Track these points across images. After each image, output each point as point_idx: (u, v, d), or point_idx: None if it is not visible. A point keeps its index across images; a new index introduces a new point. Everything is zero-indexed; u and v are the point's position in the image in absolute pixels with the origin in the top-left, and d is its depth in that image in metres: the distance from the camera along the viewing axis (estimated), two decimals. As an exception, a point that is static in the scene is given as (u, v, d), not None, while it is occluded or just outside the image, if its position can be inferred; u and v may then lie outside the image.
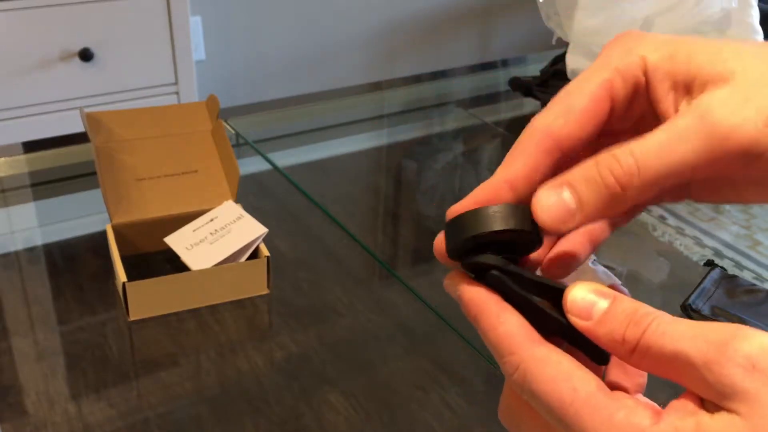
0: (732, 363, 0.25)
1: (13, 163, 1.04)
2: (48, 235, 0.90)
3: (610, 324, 0.28)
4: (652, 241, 0.92)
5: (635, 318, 0.28)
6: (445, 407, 0.66)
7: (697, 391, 0.26)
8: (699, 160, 0.28)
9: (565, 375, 0.28)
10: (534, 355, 0.29)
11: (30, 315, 0.75)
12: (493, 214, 0.30)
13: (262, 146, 1.10)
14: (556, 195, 0.30)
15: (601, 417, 0.26)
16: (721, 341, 0.25)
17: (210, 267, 0.75)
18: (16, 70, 1.72)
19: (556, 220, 0.30)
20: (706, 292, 0.79)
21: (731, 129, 0.28)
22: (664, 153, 0.28)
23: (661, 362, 0.27)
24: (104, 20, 1.77)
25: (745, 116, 0.28)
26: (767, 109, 0.28)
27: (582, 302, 0.29)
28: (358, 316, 0.78)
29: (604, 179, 0.29)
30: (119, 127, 0.84)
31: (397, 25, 2.64)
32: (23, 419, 0.63)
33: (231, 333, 0.74)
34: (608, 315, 0.28)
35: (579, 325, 0.29)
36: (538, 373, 0.28)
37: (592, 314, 0.29)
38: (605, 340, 0.28)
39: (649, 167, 0.28)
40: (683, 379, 0.26)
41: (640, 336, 0.27)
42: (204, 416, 0.64)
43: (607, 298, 0.29)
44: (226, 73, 2.41)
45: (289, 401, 0.66)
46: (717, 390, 0.25)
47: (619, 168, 0.29)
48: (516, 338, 0.29)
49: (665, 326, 0.27)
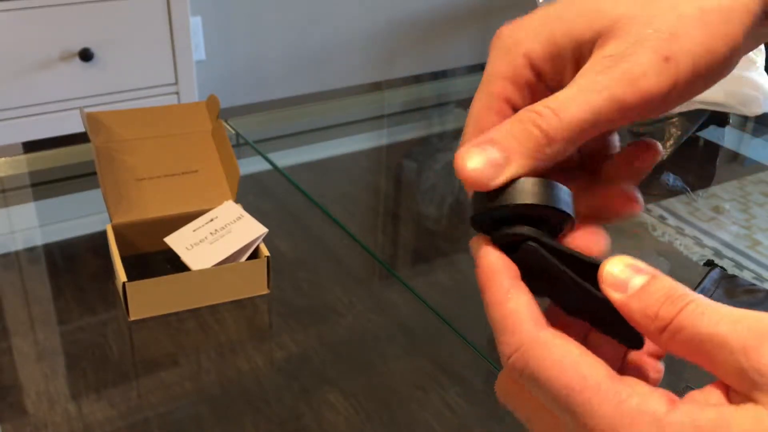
0: None
1: (13, 163, 1.04)
2: (48, 235, 0.90)
3: (646, 299, 0.27)
4: (652, 241, 0.92)
5: (673, 296, 0.27)
6: (445, 407, 0.66)
7: (726, 377, 0.25)
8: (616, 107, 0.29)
9: (573, 360, 0.27)
10: (539, 337, 0.28)
11: (30, 315, 0.75)
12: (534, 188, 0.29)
13: (262, 146, 1.10)
14: (480, 154, 0.29)
15: (612, 404, 0.25)
16: (763, 330, 0.24)
17: (210, 267, 0.75)
18: (16, 70, 1.72)
19: (484, 177, 0.29)
20: (706, 292, 0.79)
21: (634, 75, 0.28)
22: (580, 104, 0.29)
23: (693, 343, 0.26)
24: (104, 20, 1.77)
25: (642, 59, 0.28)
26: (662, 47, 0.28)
27: (619, 274, 0.28)
28: (358, 316, 0.78)
29: (530, 133, 0.29)
30: (119, 127, 0.84)
31: (397, 25, 2.64)
32: (23, 419, 0.63)
33: (231, 333, 0.74)
34: (645, 290, 0.27)
35: (613, 297, 0.28)
36: (542, 357, 0.27)
37: (627, 287, 0.28)
38: (638, 315, 0.27)
39: (571, 120, 0.29)
40: (714, 363, 0.25)
41: (675, 314, 0.26)
42: (204, 416, 0.64)
43: (645, 274, 0.28)
44: (226, 73, 2.41)
45: (289, 401, 0.66)
46: (750, 378, 0.24)
47: (544, 122, 0.29)
48: (522, 317, 0.28)
49: (704, 308, 0.26)
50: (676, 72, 0.28)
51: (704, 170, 1.14)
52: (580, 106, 0.29)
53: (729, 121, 1.18)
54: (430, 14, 2.69)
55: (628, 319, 0.28)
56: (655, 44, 0.29)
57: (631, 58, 0.29)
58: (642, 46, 0.29)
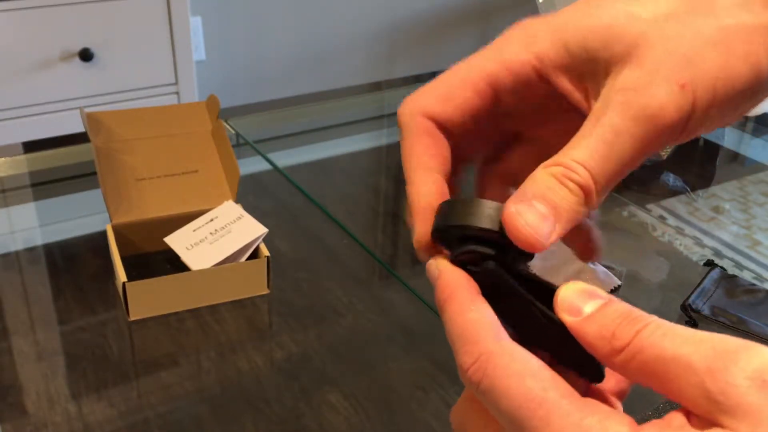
0: (740, 374, 0.22)
1: (13, 163, 1.04)
2: (48, 235, 0.90)
3: (600, 320, 0.26)
4: (652, 241, 0.92)
5: (630, 317, 0.26)
6: (445, 407, 0.66)
7: (689, 400, 0.24)
8: (639, 148, 0.28)
9: (533, 372, 0.25)
10: (500, 347, 0.26)
11: (30, 315, 0.75)
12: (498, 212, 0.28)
13: (262, 146, 1.10)
14: (533, 212, 0.28)
15: (571, 422, 0.24)
16: (729, 350, 0.23)
17: (210, 267, 0.75)
18: (16, 70, 1.72)
19: (541, 236, 0.28)
20: (706, 292, 0.79)
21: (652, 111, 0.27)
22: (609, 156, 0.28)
23: (654, 365, 0.24)
24: (104, 20, 1.77)
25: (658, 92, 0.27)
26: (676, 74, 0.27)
27: (573, 298, 0.27)
28: (358, 316, 0.78)
29: (569, 188, 0.28)
30: (119, 127, 0.84)
31: (397, 25, 2.64)
32: (23, 419, 0.63)
33: (231, 333, 0.74)
34: (599, 312, 0.26)
35: (567, 321, 0.27)
36: (502, 368, 0.26)
37: (582, 311, 0.27)
38: (592, 337, 0.26)
39: (599, 169, 0.28)
40: (677, 386, 0.24)
41: (633, 335, 0.25)
42: (204, 416, 0.64)
43: (600, 299, 0.27)
44: (226, 73, 2.41)
45: (289, 401, 0.66)
46: (716, 401, 0.23)
47: (580, 178, 0.28)
48: (482, 328, 0.27)
49: (665, 329, 0.25)
50: (693, 99, 0.27)
51: (704, 170, 1.14)
52: (608, 158, 0.28)
53: (729, 121, 1.17)
54: (430, 14, 2.69)
55: (583, 344, 0.27)
56: (671, 71, 0.27)
57: (647, 90, 0.27)
58: (657, 74, 0.27)
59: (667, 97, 0.27)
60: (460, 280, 0.29)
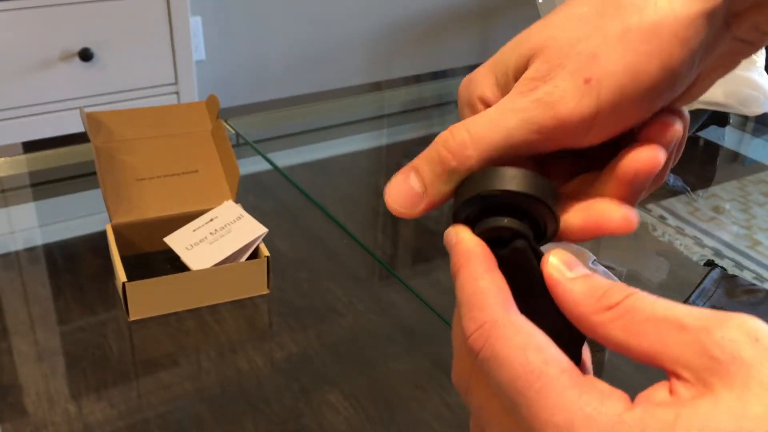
0: (737, 330, 0.23)
1: (13, 163, 1.04)
2: (48, 235, 0.90)
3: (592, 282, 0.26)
4: (652, 241, 0.92)
5: (618, 285, 0.26)
6: (445, 407, 0.66)
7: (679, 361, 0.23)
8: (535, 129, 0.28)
9: (537, 346, 0.25)
10: (507, 317, 0.26)
11: (30, 315, 0.75)
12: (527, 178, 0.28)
13: (262, 146, 1.10)
14: (403, 182, 0.30)
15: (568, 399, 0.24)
16: (721, 315, 0.23)
17: (210, 267, 0.75)
18: (16, 70, 1.72)
19: (405, 206, 0.30)
20: (706, 292, 0.79)
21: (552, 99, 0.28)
22: (493, 124, 0.29)
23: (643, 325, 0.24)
24: (104, 20, 1.77)
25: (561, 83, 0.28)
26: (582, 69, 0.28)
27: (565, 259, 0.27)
28: (358, 316, 0.78)
29: (440, 155, 0.29)
30: (119, 127, 0.84)
31: (397, 25, 2.64)
32: (23, 419, 0.63)
33: (231, 333, 0.74)
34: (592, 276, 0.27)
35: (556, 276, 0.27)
36: (504, 338, 0.26)
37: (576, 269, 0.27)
38: (581, 295, 0.26)
39: (482, 137, 0.29)
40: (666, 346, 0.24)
41: (624, 297, 0.25)
42: (204, 416, 0.64)
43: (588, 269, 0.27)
44: (226, 73, 2.41)
45: (289, 401, 0.66)
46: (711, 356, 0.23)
47: (453, 141, 0.29)
48: (491, 296, 0.27)
49: (655, 297, 0.25)
50: (596, 95, 0.27)
51: (704, 170, 1.14)
52: (493, 126, 0.29)
53: (729, 121, 1.17)
54: (430, 14, 2.69)
55: (563, 301, 0.27)
56: (576, 66, 0.28)
57: (551, 80, 0.28)
58: (562, 68, 0.28)
59: (571, 90, 0.27)
60: (477, 249, 0.29)
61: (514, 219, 0.28)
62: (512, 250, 0.28)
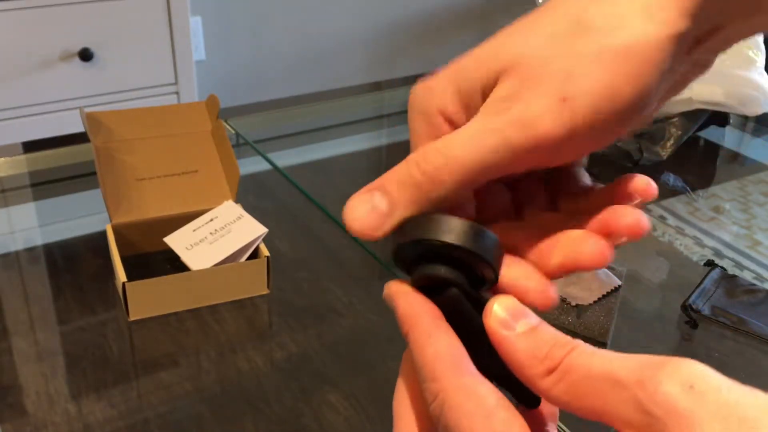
0: (669, 381, 0.22)
1: (13, 163, 1.04)
2: (48, 235, 0.90)
3: (536, 339, 0.26)
4: (652, 241, 0.92)
5: (561, 340, 0.26)
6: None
7: (621, 419, 0.23)
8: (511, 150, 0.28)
9: (486, 413, 0.25)
10: (457, 384, 0.26)
11: (30, 315, 0.75)
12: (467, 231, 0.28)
13: (262, 146, 1.10)
14: (367, 202, 0.29)
15: None
16: (656, 363, 0.23)
17: (210, 267, 0.75)
18: (16, 70, 1.72)
19: (368, 227, 0.29)
20: (706, 292, 0.79)
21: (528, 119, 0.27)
22: (470, 147, 0.28)
23: (584, 384, 0.24)
24: (104, 20, 1.77)
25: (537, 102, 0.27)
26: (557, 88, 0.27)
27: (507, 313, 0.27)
28: (358, 316, 0.78)
29: (413, 178, 0.29)
30: (119, 127, 0.84)
31: (397, 25, 2.64)
32: (23, 419, 0.63)
33: (231, 333, 0.74)
34: (535, 330, 0.26)
35: (500, 334, 0.27)
36: (456, 406, 0.26)
37: (516, 326, 0.27)
38: (524, 355, 0.26)
39: (458, 162, 0.28)
40: (607, 405, 0.24)
41: (564, 355, 0.25)
42: (204, 416, 0.64)
43: (533, 318, 0.27)
44: (226, 73, 2.41)
45: (289, 401, 0.66)
46: (649, 412, 0.22)
47: (428, 165, 0.28)
48: (442, 363, 0.27)
49: (593, 349, 0.25)
50: (572, 114, 0.27)
51: (704, 170, 1.14)
52: (468, 148, 0.28)
53: (729, 121, 1.18)
54: (430, 14, 2.69)
55: (510, 361, 0.26)
56: (551, 85, 0.27)
57: (525, 99, 0.27)
58: (538, 86, 0.27)
59: (545, 109, 0.27)
60: (417, 309, 0.29)
61: (450, 268, 0.28)
62: (447, 298, 0.28)
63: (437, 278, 0.28)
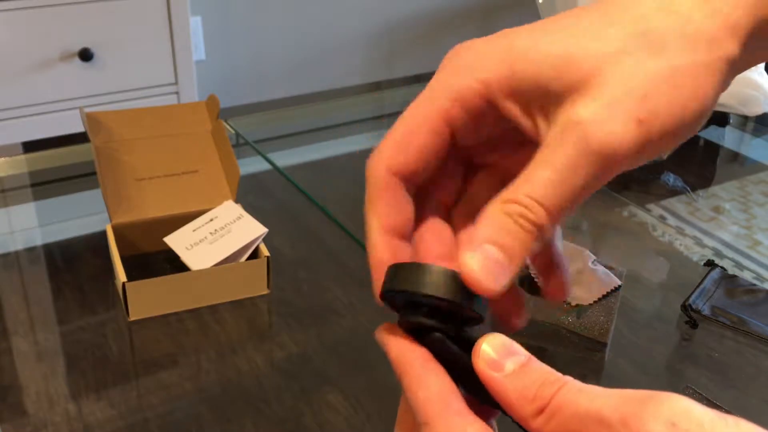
0: (651, 419, 0.23)
1: (13, 163, 1.04)
2: (48, 235, 0.90)
3: (524, 379, 0.27)
4: (652, 241, 0.92)
5: (549, 378, 0.26)
6: (445, 407, 0.66)
7: None
8: (593, 182, 0.28)
9: None
10: (446, 426, 0.27)
11: (30, 315, 0.75)
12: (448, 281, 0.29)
13: (262, 146, 1.10)
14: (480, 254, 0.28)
15: None
16: (639, 399, 0.24)
17: (210, 267, 0.75)
18: (16, 70, 1.72)
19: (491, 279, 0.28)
20: (706, 292, 0.79)
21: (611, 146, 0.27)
22: (562, 191, 0.28)
23: (571, 424, 0.25)
24: (104, 20, 1.77)
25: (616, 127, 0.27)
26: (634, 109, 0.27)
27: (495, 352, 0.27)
28: (358, 316, 0.78)
29: (524, 227, 0.28)
30: (119, 127, 0.84)
31: (397, 25, 2.64)
32: (23, 419, 0.63)
33: (231, 333, 0.74)
34: (522, 370, 0.27)
35: (489, 376, 0.27)
36: None
37: (504, 366, 0.27)
38: (514, 396, 0.26)
39: (555, 207, 0.28)
40: None
41: (553, 394, 0.26)
42: (204, 416, 0.64)
43: (521, 355, 0.27)
44: (226, 73, 2.41)
45: (289, 401, 0.66)
46: None
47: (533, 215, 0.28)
48: (432, 406, 0.28)
49: (581, 386, 0.25)
50: (648, 134, 0.28)
51: (704, 170, 1.14)
52: (563, 194, 0.28)
53: (729, 121, 1.18)
54: (430, 14, 2.69)
55: (501, 401, 0.27)
56: (628, 106, 0.27)
57: (605, 125, 0.27)
58: (616, 108, 0.27)
59: (624, 132, 0.27)
60: (408, 356, 0.29)
61: (433, 315, 0.29)
62: (431, 340, 0.29)
63: (421, 325, 0.30)
